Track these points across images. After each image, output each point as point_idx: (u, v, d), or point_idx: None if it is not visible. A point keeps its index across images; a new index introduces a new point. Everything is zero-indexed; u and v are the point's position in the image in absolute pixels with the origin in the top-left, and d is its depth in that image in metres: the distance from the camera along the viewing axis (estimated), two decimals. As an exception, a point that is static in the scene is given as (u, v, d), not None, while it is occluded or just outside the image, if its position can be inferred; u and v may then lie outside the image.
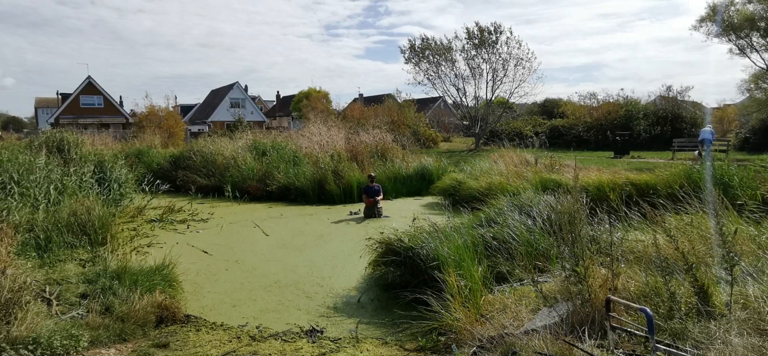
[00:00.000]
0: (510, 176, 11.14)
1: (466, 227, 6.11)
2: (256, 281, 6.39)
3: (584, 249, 3.89)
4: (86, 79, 43.09)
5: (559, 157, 13.53)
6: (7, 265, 4.28)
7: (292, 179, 13.42)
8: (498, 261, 5.23)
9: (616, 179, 9.57)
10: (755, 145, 22.89)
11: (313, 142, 16.82)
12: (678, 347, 2.89)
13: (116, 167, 11.28)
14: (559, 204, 5.62)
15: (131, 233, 8.71)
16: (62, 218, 6.81)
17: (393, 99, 39.02)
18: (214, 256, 7.63)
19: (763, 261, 3.75)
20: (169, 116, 31.99)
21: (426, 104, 48.28)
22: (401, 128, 27.37)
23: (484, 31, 29.30)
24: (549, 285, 4.20)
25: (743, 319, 2.97)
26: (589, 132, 29.90)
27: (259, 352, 4.20)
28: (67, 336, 3.97)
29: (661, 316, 3.26)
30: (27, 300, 4.12)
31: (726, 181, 7.28)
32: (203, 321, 4.99)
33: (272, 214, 11.37)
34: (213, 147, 16.24)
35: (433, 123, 42.23)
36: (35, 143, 11.48)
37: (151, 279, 5.34)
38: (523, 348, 3.19)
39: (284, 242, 8.51)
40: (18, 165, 8.25)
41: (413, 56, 31.80)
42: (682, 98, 35.62)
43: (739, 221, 4.93)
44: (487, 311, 4.15)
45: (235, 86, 52.67)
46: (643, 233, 5.01)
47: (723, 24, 25.76)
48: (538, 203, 6.54)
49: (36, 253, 5.94)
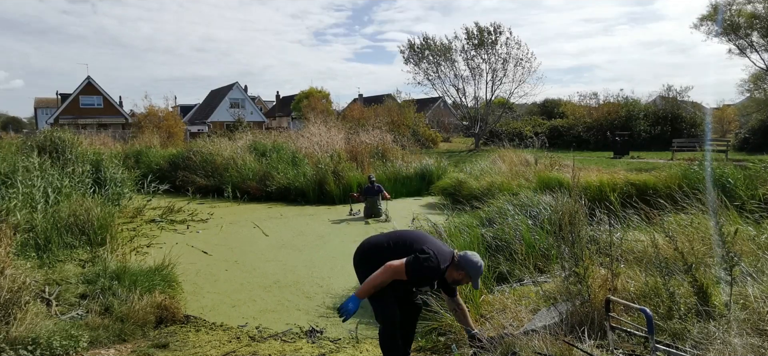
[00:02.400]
0: (510, 175, 11.15)
1: (467, 226, 6.11)
2: (255, 281, 6.38)
3: (584, 249, 3.89)
4: (86, 80, 43.03)
5: (558, 157, 13.54)
6: (7, 265, 4.28)
7: (291, 179, 13.42)
8: (498, 261, 5.23)
9: (615, 180, 9.56)
10: (755, 145, 22.90)
11: (313, 142, 16.82)
12: (677, 347, 2.89)
13: (111, 167, 11.26)
14: (558, 204, 5.62)
15: (131, 233, 8.70)
16: (62, 218, 6.81)
17: (393, 99, 39.02)
18: (214, 256, 7.63)
19: (763, 261, 3.74)
20: (169, 117, 31.95)
21: (426, 104, 48.26)
22: (401, 128, 27.34)
23: (484, 32, 29.31)
24: (549, 285, 4.20)
25: (743, 319, 2.97)
26: (588, 132, 29.90)
27: (259, 352, 4.20)
28: (67, 337, 3.97)
29: (661, 316, 3.26)
30: (26, 301, 4.12)
31: (724, 181, 7.27)
32: (203, 321, 4.99)
33: (272, 214, 11.37)
34: (212, 147, 16.23)
35: (433, 123, 42.20)
36: (28, 142, 11.44)
37: (151, 280, 5.33)
38: (523, 348, 3.19)
39: (284, 243, 8.50)
40: (7, 165, 8.25)
41: (413, 56, 31.80)
42: (681, 99, 35.66)
43: (738, 221, 4.93)
44: (486, 311, 4.14)
45: (235, 87, 52.58)
46: (643, 233, 5.00)
47: (723, 24, 25.77)
48: (538, 203, 6.54)
49: (35, 253, 5.94)
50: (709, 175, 7.87)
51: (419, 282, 3.32)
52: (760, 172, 7.52)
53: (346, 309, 3.22)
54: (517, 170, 11.72)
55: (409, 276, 3.21)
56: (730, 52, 27.26)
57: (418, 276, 3.22)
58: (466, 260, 3.31)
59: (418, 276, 3.22)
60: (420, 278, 3.25)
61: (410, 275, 3.20)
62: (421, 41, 31.57)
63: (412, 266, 3.21)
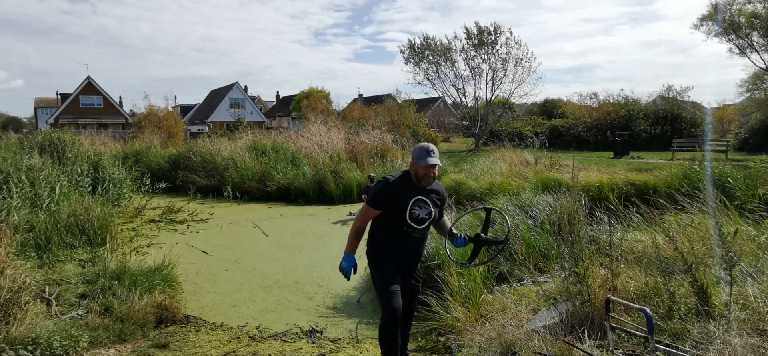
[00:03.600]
0: (510, 176, 11.15)
1: (468, 226, 6.10)
2: (255, 281, 6.38)
3: (584, 249, 3.89)
4: (86, 80, 43.00)
5: (558, 157, 13.53)
6: (7, 265, 4.28)
7: (291, 179, 13.42)
8: (498, 261, 5.23)
9: (615, 180, 9.57)
10: (755, 145, 22.89)
11: (313, 142, 16.82)
12: (677, 347, 2.89)
13: (108, 166, 11.25)
14: (558, 205, 5.62)
15: (131, 233, 8.70)
16: (62, 218, 6.81)
17: (393, 99, 39.00)
18: (214, 256, 7.63)
19: (763, 261, 3.74)
20: (169, 117, 31.90)
21: (426, 104, 48.24)
22: (401, 128, 27.32)
23: (484, 32, 29.29)
24: (549, 285, 4.20)
25: (743, 319, 2.97)
26: (588, 132, 29.88)
27: (259, 352, 4.20)
28: (67, 337, 3.96)
29: (661, 316, 3.26)
30: (26, 301, 4.12)
31: (724, 181, 7.28)
32: (203, 321, 4.99)
33: (272, 214, 11.37)
34: (212, 147, 16.24)
35: (433, 123, 42.16)
36: (25, 143, 11.43)
37: (151, 280, 5.33)
38: (523, 348, 3.19)
39: (284, 243, 8.50)
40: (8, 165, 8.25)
41: (413, 56, 31.78)
42: (681, 99, 35.66)
43: (738, 221, 4.92)
44: (486, 311, 4.14)
45: (235, 87, 52.56)
46: (643, 233, 5.01)
47: (723, 24, 25.77)
48: (537, 203, 6.54)
49: (35, 253, 5.94)
50: (709, 175, 7.87)
51: (384, 200, 3.37)
52: (760, 172, 7.52)
53: (341, 268, 3.45)
54: (517, 170, 11.72)
55: (371, 203, 3.39)
56: (730, 52, 27.27)
57: (374, 197, 3.39)
58: (413, 151, 3.45)
59: (375, 196, 3.39)
60: (377, 196, 3.38)
61: (371, 201, 3.40)
62: (421, 41, 31.56)
63: (369, 192, 3.43)
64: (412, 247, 3.49)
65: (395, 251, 3.44)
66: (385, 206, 3.39)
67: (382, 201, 3.39)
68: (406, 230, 3.39)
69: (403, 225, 3.38)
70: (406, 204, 3.33)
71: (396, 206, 3.36)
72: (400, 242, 3.44)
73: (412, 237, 3.43)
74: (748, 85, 30.59)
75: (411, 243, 3.46)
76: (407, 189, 3.37)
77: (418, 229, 3.41)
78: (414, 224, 3.37)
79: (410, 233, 3.41)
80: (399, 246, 3.44)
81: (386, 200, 3.38)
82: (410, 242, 3.45)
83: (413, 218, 3.36)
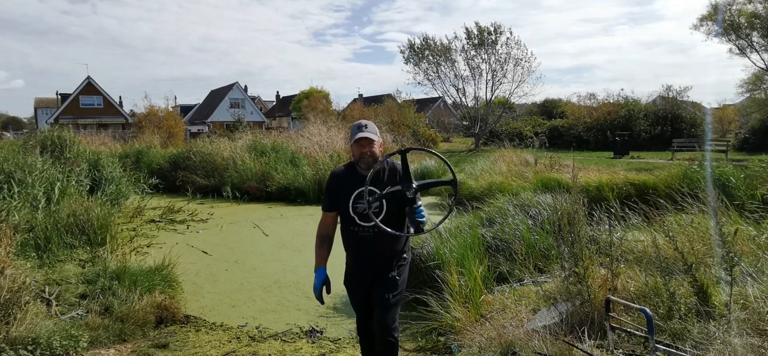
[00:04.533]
0: (510, 175, 11.15)
1: (468, 226, 6.11)
2: (255, 281, 6.38)
3: (584, 249, 3.89)
4: (86, 80, 43.03)
5: (558, 157, 13.53)
6: (7, 265, 4.28)
7: (291, 179, 13.42)
8: (498, 261, 5.23)
9: (615, 180, 9.57)
10: (755, 145, 22.90)
11: (313, 142, 16.82)
12: (677, 347, 2.89)
13: (108, 166, 11.24)
14: (558, 205, 5.62)
15: (131, 233, 8.70)
16: (62, 218, 6.81)
17: (393, 99, 39.01)
18: (214, 256, 7.63)
19: (763, 261, 3.75)
20: (169, 117, 31.93)
21: (426, 104, 48.27)
22: (401, 128, 27.35)
23: (484, 32, 29.31)
24: (549, 285, 4.20)
25: (743, 319, 2.97)
26: (588, 132, 29.92)
27: (259, 352, 4.20)
28: (67, 337, 3.97)
29: (661, 316, 3.26)
30: (26, 301, 4.12)
31: (724, 181, 7.28)
32: (203, 321, 4.99)
33: (272, 214, 11.37)
34: (212, 148, 16.24)
35: (433, 123, 42.19)
36: (20, 142, 11.46)
37: (151, 280, 5.33)
38: (523, 348, 3.19)
39: (284, 243, 8.50)
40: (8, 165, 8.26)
41: (413, 56, 31.81)
42: (681, 99, 35.65)
43: (739, 221, 4.93)
44: (486, 311, 4.14)
45: (235, 87, 52.59)
46: (643, 233, 5.01)
47: (723, 24, 25.78)
48: (537, 203, 6.54)
49: (35, 253, 5.94)
50: (709, 175, 7.88)
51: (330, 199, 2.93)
52: (760, 172, 7.52)
53: (314, 287, 3.02)
54: (517, 170, 11.72)
55: (323, 205, 3.00)
56: (730, 52, 27.31)
57: (326, 196, 2.98)
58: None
59: (325, 195, 3.00)
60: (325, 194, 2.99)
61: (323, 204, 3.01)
62: (421, 41, 31.60)
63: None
64: (370, 250, 2.90)
65: (353, 261, 2.99)
66: (333, 206, 2.91)
67: (329, 200, 2.94)
68: (354, 230, 2.88)
69: (351, 225, 2.88)
70: (348, 198, 2.84)
71: (340, 202, 2.89)
72: (355, 247, 2.95)
73: (364, 239, 2.87)
74: (748, 85, 30.67)
75: (366, 247, 2.89)
76: (349, 179, 2.87)
77: (367, 228, 2.84)
78: (361, 222, 2.84)
79: (358, 233, 2.86)
80: (356, 253, 2.96)
81: (331, 197, 2.92)
82: (365, 246, 2.89)
83: (358, 214, 2.84)
